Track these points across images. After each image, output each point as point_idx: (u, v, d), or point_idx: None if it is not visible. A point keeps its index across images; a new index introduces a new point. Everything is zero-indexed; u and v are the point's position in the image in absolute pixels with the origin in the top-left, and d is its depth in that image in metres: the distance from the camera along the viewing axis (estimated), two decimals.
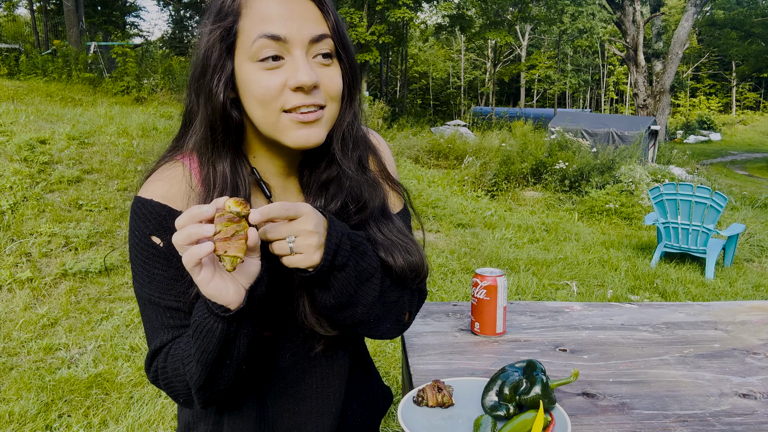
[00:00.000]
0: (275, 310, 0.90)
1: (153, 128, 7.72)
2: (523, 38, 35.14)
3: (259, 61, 0.79)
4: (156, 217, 0.84)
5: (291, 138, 0.82)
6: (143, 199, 0.85)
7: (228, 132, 0.84)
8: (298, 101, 0.80)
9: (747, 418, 1.01)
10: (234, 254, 0.70)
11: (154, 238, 0.84)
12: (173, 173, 0.87)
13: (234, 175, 0.85)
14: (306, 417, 0.97)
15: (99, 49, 15.14)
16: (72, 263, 4.35)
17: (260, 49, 0.79)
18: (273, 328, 0.92)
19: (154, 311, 0.86)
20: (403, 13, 19.43)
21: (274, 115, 0.81)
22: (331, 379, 0.98)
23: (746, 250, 6.91)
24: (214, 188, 0.84)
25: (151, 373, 0.86)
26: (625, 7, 21.94)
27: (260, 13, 0.79)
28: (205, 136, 0.84)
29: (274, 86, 0.79)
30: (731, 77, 47.18)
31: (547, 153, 10.57)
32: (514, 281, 5.11)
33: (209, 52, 0.81)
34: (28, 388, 2.96)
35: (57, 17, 26.54)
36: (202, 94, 0.83)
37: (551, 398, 0.95)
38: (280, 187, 0.92)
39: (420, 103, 41.04)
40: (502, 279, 1.33)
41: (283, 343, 0.93)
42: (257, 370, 0.92)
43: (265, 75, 0.79)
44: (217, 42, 0.81)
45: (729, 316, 1.51)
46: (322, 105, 0.82)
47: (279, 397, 0.96)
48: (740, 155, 26.20)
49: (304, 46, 0.80)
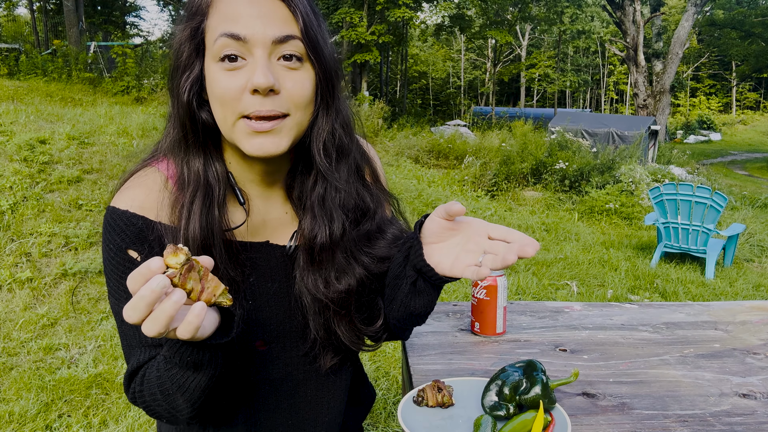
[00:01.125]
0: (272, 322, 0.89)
1: (153, 128, 7.72)
2: (523, 38, 35.14)
3: (220, 60, 0.76)
4: (132, 229, 0.79)
5: (246, 146, 0.77)
6: (118, 210, 0.80)
7: (197, 132, 0.81)
8: (256, 106, 0.75)
9: (747, 418, 1.01)
10: (221, 289, 0.65)
11: (131, 251, 0.80)
12: (148, 180, 0.83)
13: (206, 175, 0.81)
14: (299, 428, 0.96)
15: (99, 49, 15.15)
16: (72, 263, 4.35)
17: (221, 48, 0.75)
18: (267, 340, 0.89)
19: (130, 328, 0.81)
20: (403, 13, 19.42)
21: (232, 118, 0.77)
22: (325, 390, 0.97)
23: (746, 250, 6.91)
24: (188, 186, 0.81)
25: (130, 394, 0.82)
26: (625, 7, 21.93)
27: (225, 11, 0.76)
28: (178, 137, 0.82)
29: (233, 88, 0.75)
30: (731, 77, 47.18)
31: (547, 153, 10.57)
32: (514, 281, 5.11)
33: (179, 52, 0.79)
34: (28, 388, 2.96)
35: (57, 17, 26.53)
36: (174, 94, 0.81)
37: (551, 398, 0.95)
38: (260, 196, 0.88)
39: (420, 103, 41.04)
40: (502, 279, 1.33)
41: (278, 354, 0.91)
42: (249, 383, 0.90)
43: (224, 75, 0.76)
44: (186, 41, 0.79)
45: (729, 316, 1.51)
46: (284, 113, 0.77)
47: (273, 410, 0.94)
48: (740, 155, 26.20)
49: (266, 47, 0.75)
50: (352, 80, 21.55)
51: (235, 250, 0.83)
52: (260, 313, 0.87)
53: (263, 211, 0.88)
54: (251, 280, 0.86)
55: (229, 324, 0.71)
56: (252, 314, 0.86)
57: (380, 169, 1.02)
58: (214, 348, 0.70)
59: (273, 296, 0.87)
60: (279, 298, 0.88)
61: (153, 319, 0.58)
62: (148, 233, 0.80)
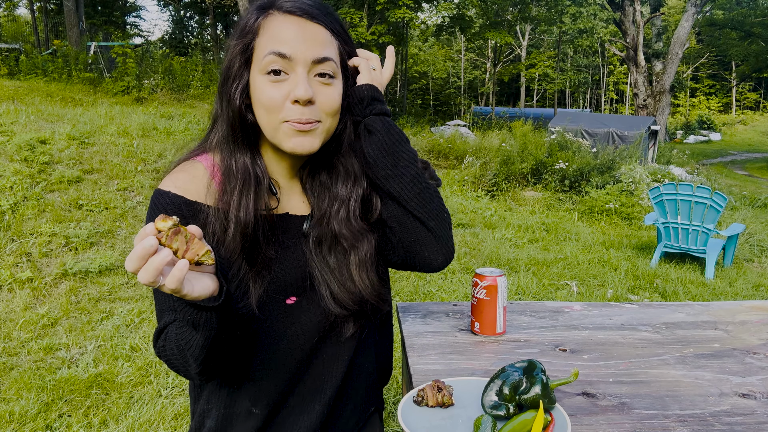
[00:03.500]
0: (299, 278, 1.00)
1: (153, 128, 7.72)
2: (523, 38, 35.13)
3: (267, 73, 0.91)
4: (172, 206, 0.93)
5: (288, 143, 0.93)
6: (162, 191, 0.95)
7: (246, 131, 0.96)
8: (296, 114, 0.91)
9: (747, 418, 1.01)
10: (205, 250, 0.74)
11: None
12: (192, 170, 0.98)
13: (254, 167, 0.97)
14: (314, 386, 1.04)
15: (99, 49, 15.14)
16: (72, 263, 4.35)
17: (268, 64, 0.91)
18: (297, 293, 1.00)
19: (162, 295, 0.94)
20: (403, 13, 19.42)
21: (276, 123, 0.92)
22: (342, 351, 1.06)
23: (746, 250, 6.91)
24: (236, 177, 0.95)
25: (157, 349, 0.95)
26: (625, 7, 21.93)
27: (274, 34, 0.92)
28: (227, 134, 0.96)
29: (277, 97, 0.91)
30: (731, 77, 47.17)
31: (547, 153, 10.56)
32: (514, 281, 5.11)
33: (231, 63, 0.94)
34: (28, 388, 2.96)
35: (57, 17, 26.53)
36: (224, 98, 0.96)
37: (551, 398, 0.95)
38: (285, 186, 1.03)
39: (420, 103, 41.02)
40: (502, 279, 1.33)
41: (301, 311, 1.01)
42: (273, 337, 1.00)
43: (270, 86, 0.91)
44: (237, 55, 0.94)
45: (729, 316, 1.51)
46: (317, 120, 0.93)
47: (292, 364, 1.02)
48: (740, 155, 26.20)
49: (306, 65, 0.91)
50: None
51: (272, 230, 0.98)
52: (288, 273, 0.99)
53: (286, 199, 1.03)
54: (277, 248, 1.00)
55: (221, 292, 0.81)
56: (280, 276, 0.98)
57: None
58: (208, 310, 0.80)
59: (297, 258, 1.00)
60: (300, 263, 1.00)
61: (145, 270, 0.69)
62: (186, 211, 0.93)
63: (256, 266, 0.95)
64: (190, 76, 12.86)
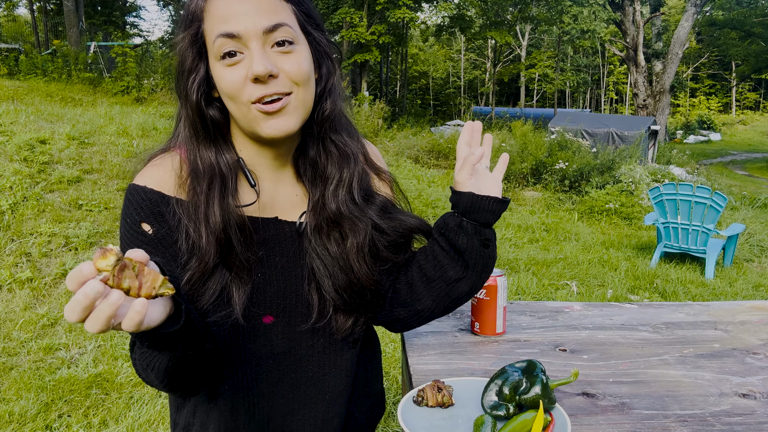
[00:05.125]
0: (279, 295, 0.93)
1: (153, 128, 7.72)
2: (523, 38, 35.14)
3: (221, 59, 0.84)
4: (148, 203, 0.87)
5: (263, 129, 0.85)
6: (137, 186, 0.89)
7: (207, 128, 0.89)
8: (260, 92, 0.83)
9: (747, 418, 1.01)
10: (161, 280, 0.65)
11: (144, 225, 0.87)
12: (165, 161, 0.92)
13: (218, 165, 0.90)
14: (300, 403, 0.98)
15: (99, 49, 15.14)
16: (72, 263, 4.35)
17: (220, 48, 0.83)
18: (274, 313, 0.93)
19: None
20: (403, 13, 19.43)
21: (245, 108, 0.85)
22: (327, 368, 0.99)
23: (746, 250, 6.91)
24: (203, 177, 0.88)
25: (132, 361, 0.88)
26: (625, 7, 21.95)
27: (217, 14, 0.84)
28: (189, 133, 0.90)
29: (237, 80, 0.83)
30: (731, 77, 47.17)
31: (547, 153, 10.56)
32: (514, 281, 5.11)
33: (183, 58, 0.88)
34: (28, 388, 2.96)
35: (57, 17, 26.53)
36: (182, 96, 0.90)
37: (551, 398, 0.95)
38: (270, 178, 0.95)
39: (420, 103, 41.04)
40: (502, 279, 1.33)
41: (283, 328, 0.95)
42: (253, 356, 0.94)
43: (228, 71, 0.84)
44: (187, 48, 0.87)
45: (729, 316, 1.51)
46: (286, 92, 0.84)
47: (275, 384, 0.96)
48: (740, 155, 26.20)
49: (259, 38, 0.83)
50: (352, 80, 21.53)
51: (248, 232, 0.90)
52: (269, 286, 0.92)
53: (273, 192, 0.95)
54: (260, 254, 0.92)
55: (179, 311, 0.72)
56: (261, 288, 0.91)
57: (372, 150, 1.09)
58: (169, 335, 0.71)
59: (281, 270, 0.93)
60: (287, 272, 0.93)
61: (93, 319, 0.60)
62: (163, 207, 0.87)
63: (234, 270, 0.88)
64: None
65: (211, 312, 0.87)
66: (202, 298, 0.86)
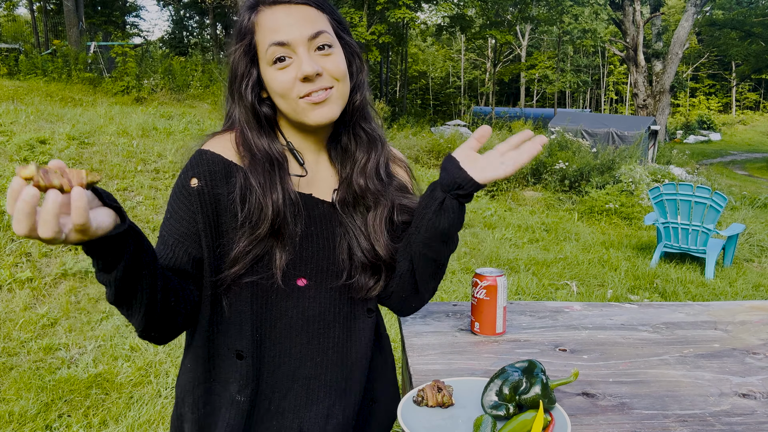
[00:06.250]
0: (312, 260, 1.04)
1: (153, 128, 7.72)
2: (523, 38, 35.13)
3: (273, 63, 0.99)
4: (208, 162, 0.99)
5: (310, 117, 1.00)
6: (202, 150, 1.01)
7: (260, 122, 1.04)
8: (308, 88, 0.98)
9: (747, 418, 1.01)
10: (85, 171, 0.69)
11: (194, 179, 0.98)
12: (226, 137, 1.04)
13: (272, 151, 1.03)
14: (324, 368, 1.06)
15: (99, 49, 15.13)
16: (72, 263, 4.35)
17: (272, 55, 0.99)
18: (308, 276, 1.04)
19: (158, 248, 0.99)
20: (404, 13, 19.42)
21: (294, 103, 1.00)
22: (351, 333, 1.09)
23: (746, 250, 6.91)
24: (260, 161, 1.01)
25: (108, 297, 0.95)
26: (625, 7, 21.94)
27: (268, 26, 1.00)
28: (245, 127, 1.03)
29: (288, 80, 0.98)
30: (731, 77, 47.15)
31: (547, 153, 10.56)
32: (514, 281, 5.11)
33: (236, 65, 1.03)
34: (28, 388, 2.96)
35: (57, 17, 26.53)
36: (236, 96, 1.04)
37: (551, 398, 0.95)
38: (313, 161, 1.09)
39: (420, 103, 41.00)
40: (502, 279, 1.33)
41: (314, 293, 1.05)
42: (287, 318, 1.03)
43: (279, 74, 0.99)
44: (241, 57, 1.02)
45: (729, 316, 1.51)
46: (329, 86, 1.00)
47: (304, 345, 1.05)
48: (740, 155, 26.20)
49: (304, 44, 0.98)
50: None
51: (299, 208, 1.03)
52: (304, 251, 1.03)
53: (314, 170, 1.09)
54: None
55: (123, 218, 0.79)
56: (298, 253, 1.03)
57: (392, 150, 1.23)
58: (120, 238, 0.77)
59: (315, 238, 1.05)
60: (321, 239, 1.05)
61: (42, 222, 0.64)
62: (220, 168, 0.99)
63: (281, 239, 1.00)
64: (190, 76, 12.86)
65: (250, 273, 0.99)
66: (244, 259, 0.98)
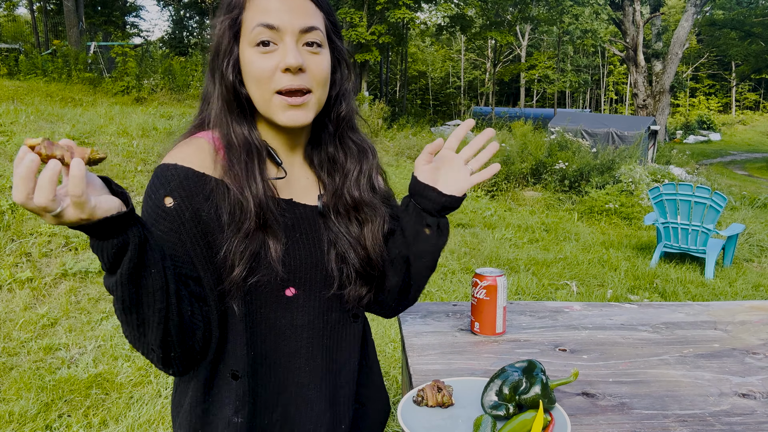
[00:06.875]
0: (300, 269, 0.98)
1: (153, 128, 7.73)
2: (523, 38, 35.12)
3: (255, 45, 0.91)
4: (176, 177, 0.90)
5: (281, 117, 0.93)
6: (167, 164, 0.92)
7: (241, 105, 0.96)
8: (287, 82, 0.90)
9: (747, 418, 1.01)
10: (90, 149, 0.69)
11: (168, 198, 0.90)
12: (196, 143, 0.96)
13: (252, 139, 0.96)
14: (313, 375, 1.01)
15: (99, 49, 15.14)
16: (72, 263, 4.35)
17: (257, 36, 0.91)
18: (299, 285, 0.99)
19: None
20: (404, 13, 19.41)
21: (268, 95, 0.92)
22: (339, 340, 1.05)
23: (746, 250, 6.91)
24: (238, 150, 0.94)
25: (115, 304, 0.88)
26: (625, 7, 21.95)
27: (260, 6, 0.92)
28: (222, 109, 0.96)
29: (268, 68, 0.91)
30: (731, 77, 47.16)
31: (547, 153, 10.55)
32: (514, 281, 5.11)
33: (220, 39, 0.95)
34: (28, 388, 2.96)
35: (57, 17, 26.53)
36: (216, 74, 0.96)
37: (551, 398, 0.95)
38: (288, 162, 1.03)
39: (420, 103, 41.00)
40: (502, 279, 1.33)
41: (303, 301, 1.00)
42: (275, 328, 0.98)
43: (260, 57, 0.91)
44: (226, 30, 0.94)
45: (728, 316, 1.51)
46: (308, 89, 0.93)
47: (293, 354, 1.00)
48: (740, 155, 26.19)
49: (294, 35, 0.91)
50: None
51: (278, 200, 0.97)
52: (291, 260, 0.97)
53: (289, 171, 1.03)
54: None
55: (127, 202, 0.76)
56: (284, 262, 0.97)
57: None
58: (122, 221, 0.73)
59: (302, 245, 0.99)
60: (308, 247, 0.99)
61: (39, 188, 0.64)
62: (190, 182, 0.90)
63: (269, 230, 0.94)
64: (190, 76, 12.86)
65: (251, 274, 0.92)
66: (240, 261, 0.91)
